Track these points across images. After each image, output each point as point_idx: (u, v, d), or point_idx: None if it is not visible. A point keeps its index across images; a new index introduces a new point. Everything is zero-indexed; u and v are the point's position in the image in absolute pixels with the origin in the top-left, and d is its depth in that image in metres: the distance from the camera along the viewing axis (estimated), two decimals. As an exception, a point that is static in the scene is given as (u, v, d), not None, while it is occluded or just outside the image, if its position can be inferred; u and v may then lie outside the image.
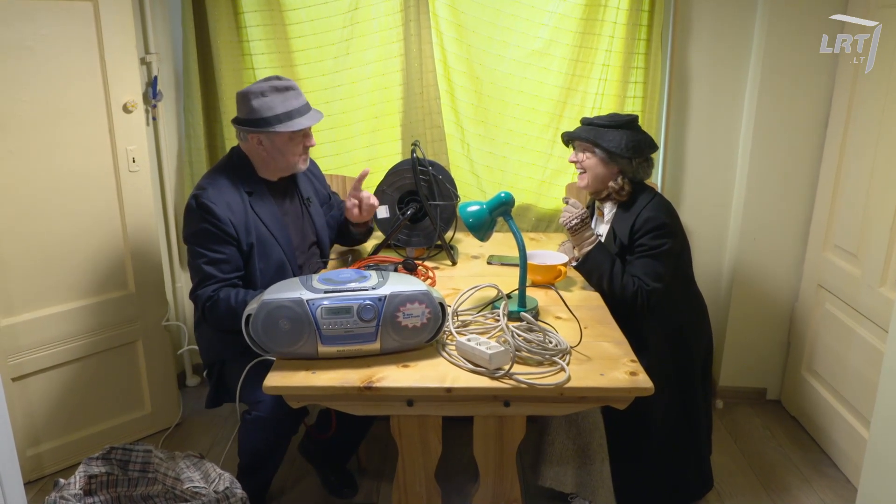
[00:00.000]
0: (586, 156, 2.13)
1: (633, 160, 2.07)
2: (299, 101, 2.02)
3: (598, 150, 2.09)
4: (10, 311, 2.26)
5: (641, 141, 2.09)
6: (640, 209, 2.05)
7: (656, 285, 2.00)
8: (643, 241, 2.02)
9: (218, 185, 1.99)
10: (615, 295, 2.02)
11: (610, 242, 2.12)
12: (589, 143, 2.11)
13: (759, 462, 2.57)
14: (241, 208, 1.99)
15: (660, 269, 2.01)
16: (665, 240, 2.02)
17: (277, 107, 1.97)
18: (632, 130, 2.09)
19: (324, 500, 2.34)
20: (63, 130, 2.28)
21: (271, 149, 2.02)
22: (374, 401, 1.59)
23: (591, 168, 2.13)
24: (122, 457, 1.89)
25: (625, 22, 2.63)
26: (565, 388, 1.53)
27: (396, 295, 1.62)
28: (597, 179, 2.14)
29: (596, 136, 2.09)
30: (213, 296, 1.93)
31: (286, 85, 2.01)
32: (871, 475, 1.80)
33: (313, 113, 2.06)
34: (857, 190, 2.43)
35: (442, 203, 2.36)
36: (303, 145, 2.06)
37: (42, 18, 2.17)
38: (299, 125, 1.98)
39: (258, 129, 1.98)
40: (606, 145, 2.06)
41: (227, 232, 1.93)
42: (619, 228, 2.09)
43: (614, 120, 2.11)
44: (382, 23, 2.71)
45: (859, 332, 2.40)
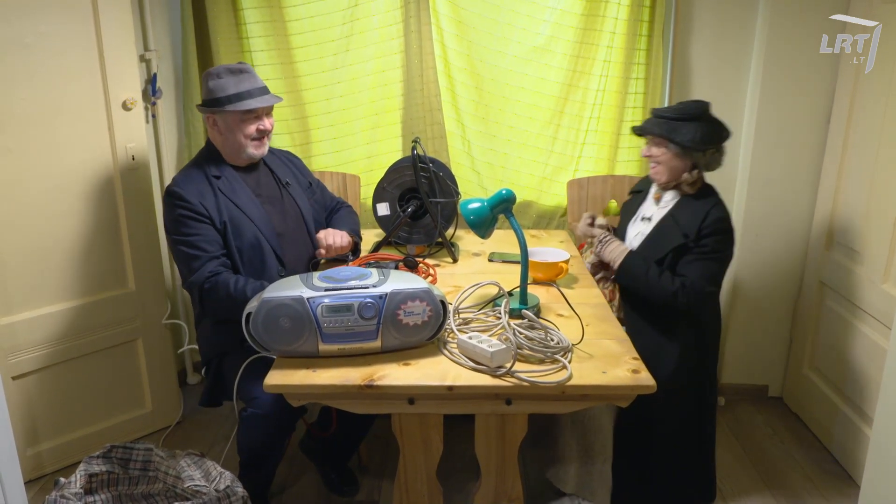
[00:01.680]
0: (661, 150, 2.07)
1: (707, 152, 2.03)
2: (252, 83, 2.05)
3: (672, 145, 2.04)
4: (10, 310, 2.26)
5: (715, 131, 2.04)
6: (709, 206, 2.01)
7: (712, 288, 1.99)
8: (709, 241, 1.98)
9: (186, 173, 2.07)
10: (657, 301, 2.00)
11: (669, 228, 2.06)
12: (663, 139, 2.05)
13: (761, 459, 2.57)
14: (209, 192, 2.04)
15: (718, 274, 2.00)
16: (728, 246, 2.01)
17: (230, 88, 2.01)
18: (705, 121, 2.04)
19: (325, 498, 2.33)
20: (62, 128, 2.27)
21: (225, 130, 2.07)
22: (376, 399, 1.58)
23: (666, 162, 2.07)
24: (122, 455, 1.88)
25: (626, 18, 2.62)
26: (567, 386, 1.53)
27: (397, 293, 1.62)
28: (672, 172, 2.08)
29: (669, 130, 2.03)
30: (212, 276, 1.93)
31: (240, 68, 2.05)
32: (873, 472, 1.80)
33: (268, 97, 2.08)
34: (860, 186, 2.42)
35: (443, 200, 2.36)
36: (256, 128, 2.07)
37: (41, 15, 2.16)
38: (248, 105, 2.01)
39: (211, 109, 2.04)
40: (681, 140, 2.00)
41: (199, 212, 1.98)
42: (686, 219, 2.03)
43: (687, 112, 2.04)
44: (382, 19, 2.70)
45: (861, 328, 2.40)
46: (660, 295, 2.00)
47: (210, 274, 1.93)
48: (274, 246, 2.09)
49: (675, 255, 2.03)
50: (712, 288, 1.99)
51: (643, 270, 2.05)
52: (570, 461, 2.08)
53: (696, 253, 2.00)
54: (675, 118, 2.04)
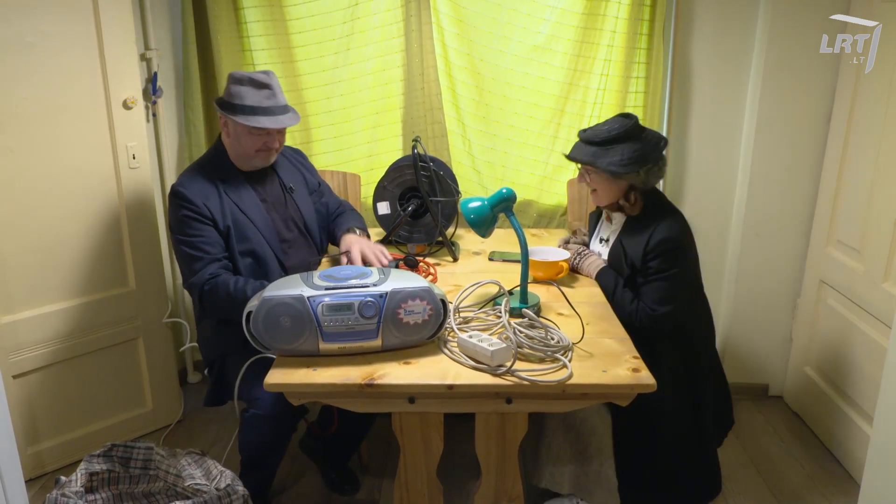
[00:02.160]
0: (591, 176, 2.05)
1: (641, 171, 1.98)
2: (272, 101, 2.03)
3: (601, 171, 2.00)
4: (11, 309, 2.26)
5: (645, 149, 1.97)
6: (652, 229, 1.97)
7: (665, 309, 1.94)
8: (654, 264, 1.95)
9: (192, 174, 2.07)
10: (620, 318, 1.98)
11: (619, 256, 2.06)
12: (590, 166, 2.02)
13: (762, 458, 2.57)
14: (214, 194, 2.04)
15: (669, 292, 1.95)
16: (676, 263, 1.95)
17: (248, 99, 2.01)
18: (632, 140, 1.98)
19: (325, 497, 2.34)
20: (63, 127, 2.27)
21: (233, 135, 2.08)
22: (376, 398, 1.58)
23: (599, 186, 2.05)
24: (123, 454, 1.88)
25: (626, 17, 2.62)
26: (567, 384, 1.53)
27: (398, 292, 1.62)
28: (608, 195, 2.06)
29: (595, 156, 1.99)
30: (212, 279, 1.93)
31: (265, 82, 2.03)
32: (874, 471, 1.80)
33: (283, 118, 2.05)
34: (860, 185, 2.42)
35: (443, 199, 2.36)
36: (264, 143, 2.07)
37: (42, 14, 2.16)
38: (256, 122, 2.00)
39: (224, 112, 2.04)
40: (606, 166, 1.96)
41: (202, 214, 1.99)
42: (631, 247, 2.01)
43: (612, 134, 1.97)
44: (383, 18, 2.70)
45: (862, 327, 2.40)
46: (622, 313, 1.98)
47: (210, 276, 1.94)
48: (277, 252, 2.10)
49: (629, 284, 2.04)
50: (663, 308, 1.94)
51: (611, 287, 2.05)
52: (565, 464, 2.07)
53: (645, 276, 1.98)
54: (600, 142, 1.99)
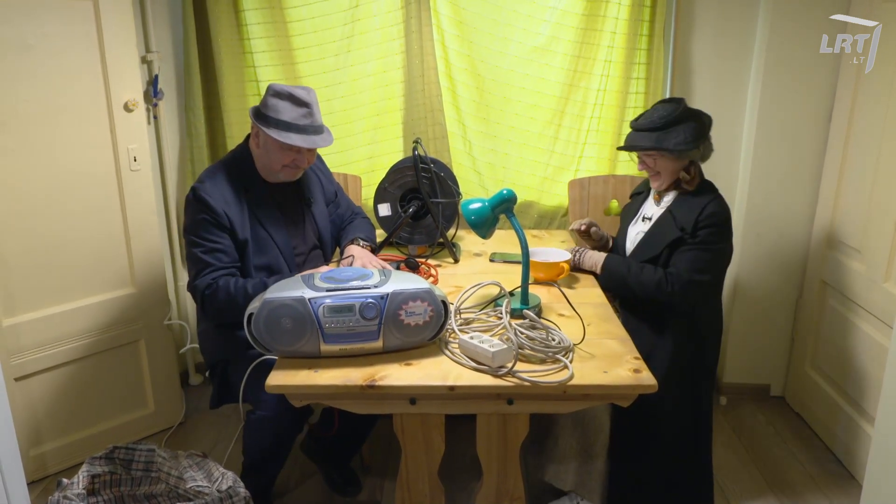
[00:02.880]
0: (656, 161, 2.07)
1: (700, 146, 2.03)
2: (307, 120, 2.00)
3: (664, 153, 2.02)
4: (13, 311, 2.26)
5: (700, 124, 2.03)
6: (707, 201, 2.01)
7: (700, 277, 1.96)
8: (703, 233, 1.98)
9: (216, 179, 2.02)
10: (641, 294, 2.00)
11: (667, 223, 2.06)
12: (655, 151, 2.04)
13: (763, 459, 2.56)
14: (237, 204, 2.01)
15: (709, 264, 1.98)
16: (722, 239, 2.00)
17: (284, 114, 1.97)
18: (688, 119, 2.03)
19: (327, 498, 2.34)
20: (64, 129, 2.28)
21: (263, 147, 2.04)
22: (377, 399, 1.58)
23: (664, 169, 2.07)
24: (125, 456, 1.88)
25: (627, 17, 2.62)
26: (568, 385, 1.53)
27: (399, 293, 1.62)
28: (671, 175, 2.08)
29: (659, 140, 2.01)
30: (213, 284, 1.92)
31: (305, 100, 2.00)
32: (875, 472, 1.79)
33: (317, 138, 2.02)
34: (861, 185, 2.42)
35: (444, 200, 2.36)
36: (293, 161, 2.04)
37: (43, 17, 2.17)
38: (288, 140, 1.97)
39: (258, 123, 2.01)
40: (674, 146, 2.00)
41: (222, 224, 1.96)
42: (683, 215, 2.03)
43: (670, 117, 2.02)
44: (383, 20, 2.71)
45: (863, 328, 2.40)
46: (645, 288, 2.00)
47: (213, 280, 1.93)
48: (291, 266, 2.09)
49: (671, 251, 2.03)
50: (700, 277, 1.96)
51: (625, 268, 2.06)
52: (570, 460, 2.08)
53: (689, 244, 2.00)
54: (660, 127, 2.03)
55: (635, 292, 2.00)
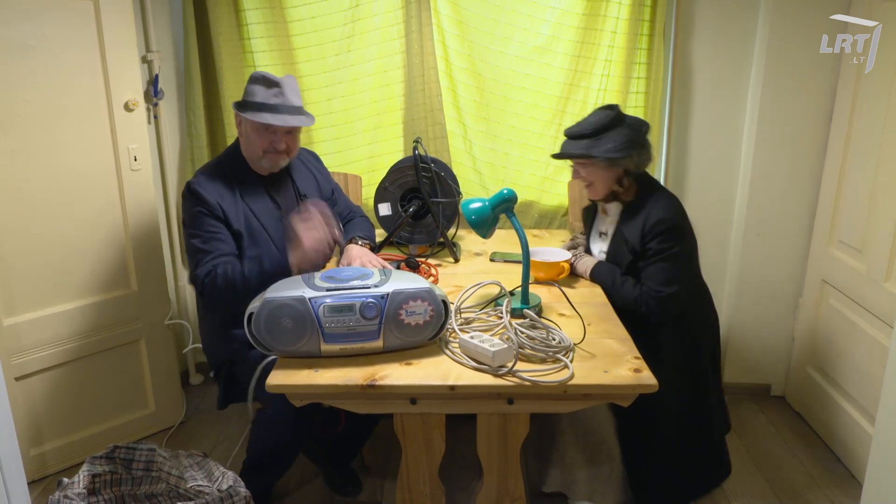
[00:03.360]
0: (586, 170, 2.07)
1: (633, 154, 2.01)
2: (279, 99, 2.02)
3: (596, 161, 2.02)
4: (13, 311, 2.26)
5: (633, 132, 2.01)
6: (648, 211, 2.00)
7: (670, 290, 1.96)
8: (653, 245, 1.98)
9: (209, 173, 2.07)
10: (623, 306, 1.99)
11: (620, 244, 2.08)
12: (585, 159, 2.03)
13: (764, 458, 2.56)
14: (229, 195, 2.04)
15: (672, 274, 1.97)
16: (674, 242, 1.97)
17: (258, 96, 2.02)
18: (619, 127, 2.01)
19: (328, 498, 2.34)
20: (64, 129, 2.28)
21: (245, 135, 2.09)
22: (378, 399, 1.58)
23: (596, 176, 2.06)
24: (125, 456, 1.88)
25: (627, 17, 2.62)
26: (569, 385, 1.53)
27: (399, 293, 1.62)
28: (605, 185, 2.08)
29: (588, 148, 2.01)
30: (211, 271, 1.94)
31: (277, 81, 2.04)
32: (876, 471, 1.79)
33: (289, 117, 2.02)
34: (862, 184, 2.42)
35: (444, 200, 2.36)
36: (270, 143, 2.04)
37: (43, 17, 2.17)
38: (261, 118, 1.99)
39: (237, 110, 2.06)
40: (603, 154, 1.98)
41: (217, 215, 1.99)
42: (629, 233, 2.04)
43: (600, 124, 2.02)
44: (383, 20, 2.71)
45: (864, 327, 2.39)
46: (625, 302, 2.00)
47: (211, 268, 1.94)
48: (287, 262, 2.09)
49: (632, 271, 2.05)
50: (669, 289, 1.95)
51: (609, 279, 2.07)
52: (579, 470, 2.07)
53: (646, 259, 2.00)
54: (590, 134, 2.02)
55: (618, 304, 2.00)
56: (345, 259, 2.11)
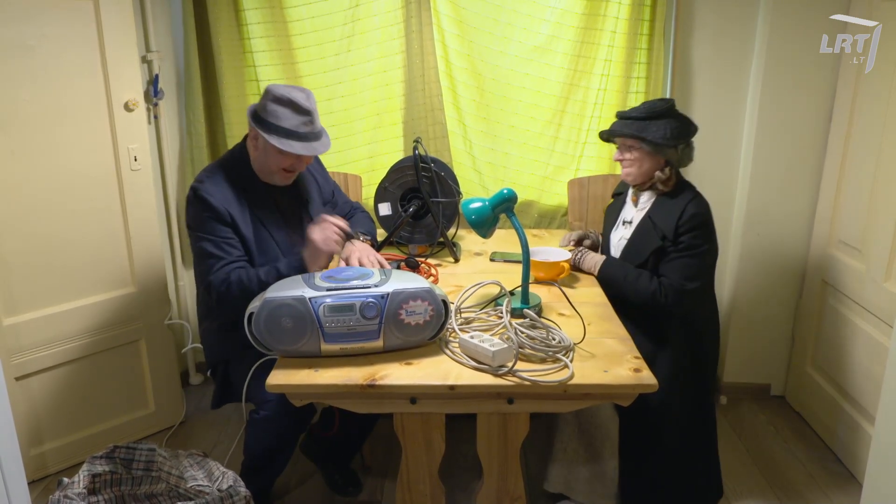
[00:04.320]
0: (632, 152, 2.07)
1: (679, 147, 2.03)
2: (308, 128, 1.98)
3: (644, 144, 2.03)
4: (13, 311, 2.26)
5: (683, 126, 2.04)
6: (685, 203, 2.01)
7: (692, 285, 1.96)
8: (685, 238, 1.98)
9: (215, 179, 2.01)
10: (636, 301, 2.00)
11: (648, 230, 2.07)
12: (634, 139, 2.05)
13: (764, 458, 2.56)
14: (237, 203, 2.01)
15: (698, 270, 1.98)
16: (706, 240, 2.00)
17: (285, 121, 1.96)
18: (673, 117, 2.04)
19: (328, 498, 2.34)
20: (64, 130, 2.28)
21: (261, 150, 2.03)
22: (378, 399, 1.58)
23: (639, 162, 2.07)
24: (125, 455, 1.88)
25: (627, 17, 2.62)
26: (569, 385, 1.53)
27: (399, 292, 1.62)
28: (644, 173, 2.08)
29: (640, 129, 2.03)
30: (226, 279, 1.92)
31: (307, 108, 1.97)
32: (876, 471, 1.79)
33: (317, 144, 2.01)
34: (862, 184, 2.42)
35: (444, 200, 2.36)
36: (291, 165, 2.04)
37: (43, 17, 2.17)
38: (288, 147, 1.95)
39: (258, 127, 1.99)
40: (653, 138, 2.00)
41: (225, 221, 1.97)
42: (662, 220, 2.04)
43: (654, 110, 2.04)
44: (383, 19, 2.71)
45: (864, 327, 2.39)
46: (640, 296, 2.00)
47: (226, 275, 1.93)
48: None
49: (657, 258, 2.04)
50: (692, 285, 1.97)
51: (621, 274, 2.07)
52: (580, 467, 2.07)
53: (674, 252, 2.00)
54: (642, 118, 2.04)
55: (630, 299, 2.01)
56: (344, 254, 2.11)
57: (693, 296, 1.98)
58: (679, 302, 1.97)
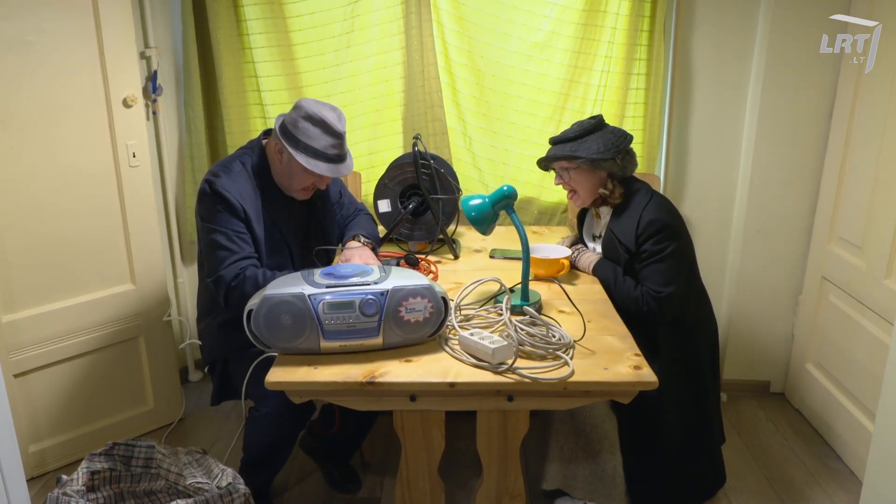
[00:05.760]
0: (570, 174, 2.10)
1: (617, 158, 2.04)
2: (336, 150, 1.99)
3: (580, 162, 2.05)
4: (12, 308, 2.26)
5: (616, 137, 2.06)
6: (639, 211, 2.02)
7: (669, 290, 1.96)
8: (647, 246, 1.98)
9: (232, 174, 1.99)
10: (623, 305, 1.99)
11: (613, 245, 2.09)
12: (568, 160, 2.07)
13: (764, 455, 2.56)
14: (253, 202, 2.00)
15: (669, 273, 1.97)
16: (669, 242, 1.98)
17: (315, 142, 1.96)
18: (602, 131, 2.07)
19: (327, 495, 2.34)
20: (63, 126, 2.27)
21: (286, 164, 2.03)
22: (377, 396, 1.58)
23: (580, 183, 2.10)
24: (124, 452, 1.88)
25: (627, 13, 2.61)
26: (569, 382, 1.52)
27: (399, 289, 1.62)
28: (589, 192, 2.11)
29: (572, 150, 2.05)
30: (240, 274, 1.90)
31: (338, 131, 1.98)
32: (875, 468, 1.80)
33: (340, 167, 2.01)
34: (862, 181, 2.42)
35: (444, 197, 2.35)
36: (313, 184, 2.06)
37: (42, 13, 2.16)
38: (315, 168, 1.96)
39: (287, 144, 1.98)
40: (587, 154, 2.02)
41: (240, 217, 1.96)
42: (622, 234, 2.05)
43: (583, 128, 2.08)
44: (383, 15, 2.70)
45: (864, 324, 2.39)
46: (626, 302, 2.00)
47: (240, 271, 1.91)
48: (298, 268, 2.08)
49: (629, 270, 2.05)
50: (668, 290, 1.96)
51: (611, 278, 2.07)
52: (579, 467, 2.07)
53: (642, 261, 2.01)
54: (574, 138, 2.07)
55: (618, 303, 2.00)
56: (343, 257, 2.11)
57: (673, 300, 1.96)
58: (660, 308, 1.96)
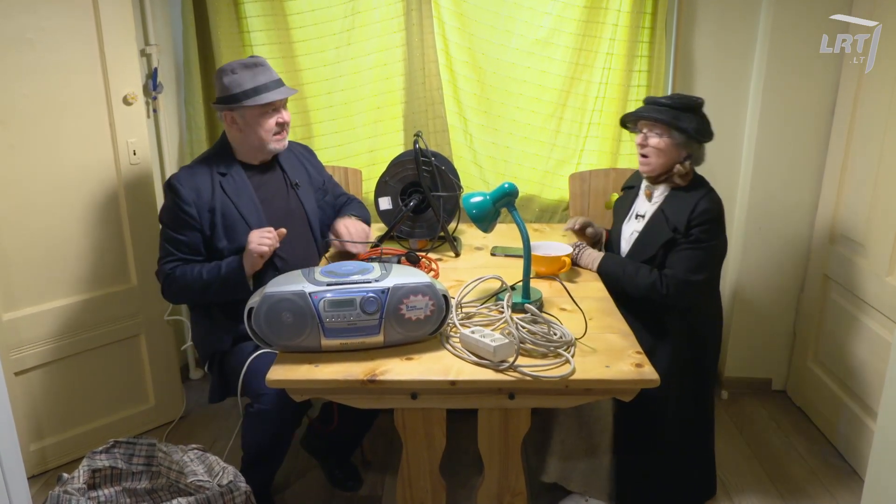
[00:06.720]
0: (658, 139, 2.03)
1: (701, 143, 2.03)
2: (268, 76, 2.04)
3: (674, 133, 2.00)
4: (13, 306, 2.26)
5: (707, 125, 2.04)
6: (698, 198, 2.00)
7: (696, 277, 1.95)
8: (695, 231, 1.97)
9: (192, 169, 2.09)
10: (635, 295, 1.99)
11: (660, 222, 2.05)
12: (665, 126, 2.00)
13: (765, 453, 2.56)
14: (208, 190, 2.05)
15: (703, 262, 1.97)
16: (714, 236, 1.99)
17: (246, 83, 2.00)
18: (700, 113, 2.04)
19: (328, 493, 2.34)
20: (63, 124, 2.27)
21: (244, 126, 2.06)
22: (378, 394, 1.58)
23: (662, 151, 2.03)
24: (125, 450, 1.88)
25: (628, 10, 2.60)
26: (570, 380, 1.52)
27: (399, 287, 1.61)
28: (663, 163, 2.05)
29: (673, 117, 1.99)
30: (171, 273, 2.01)
31: (254, 61, 2.04)
32: (877, 466, 1.79)
33: (284, 89, 2.07)
34: (864, 179, 2.41)
35: (445, 194, 2.35)
36: (276, 121, 2.07)
37: (42, 11, 2.15)
38: (267, 98, 2.00)
39: (228, 106, 2.03)
40: (685, 127, 1.98)
41: (190, 214, 2.01)
42: (674, 213, 2.02)
43: (686, 102, 2.01)
44: (384, 12, 2.69)
45: (866, 322, 2.39)
46: (639, 289, 2.00)
47: (171, 270, 2.02)
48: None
49: (666, 251, 2.03)
50: (696, 276, 1.96)
51: (620, 268, 2.06)
52: (578, 460, 2.07)
53: (683, 244, 1.99)
54: (675, 107, 2.01)
55: (629, 293, 2.00)
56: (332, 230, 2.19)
57: (697, 288, 1.97)
58: (681, 293, 1.96)
